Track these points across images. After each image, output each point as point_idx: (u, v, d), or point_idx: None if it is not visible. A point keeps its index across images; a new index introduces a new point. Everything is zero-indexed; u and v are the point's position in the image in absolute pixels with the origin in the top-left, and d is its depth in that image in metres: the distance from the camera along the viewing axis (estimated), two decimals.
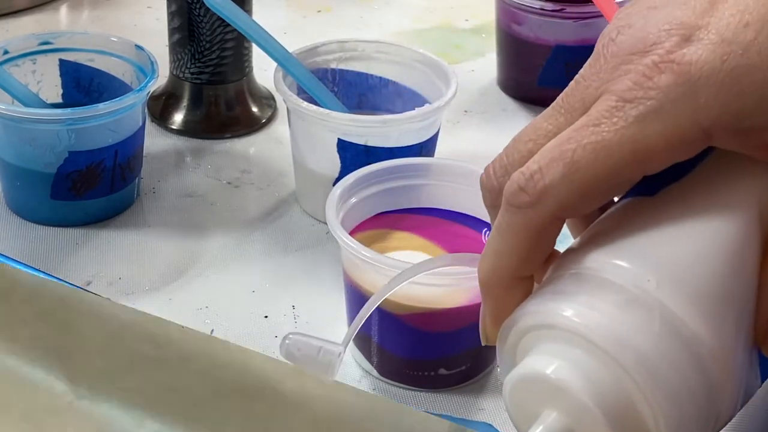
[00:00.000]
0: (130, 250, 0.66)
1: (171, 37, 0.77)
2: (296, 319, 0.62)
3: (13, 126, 0.64)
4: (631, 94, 0.39)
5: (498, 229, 0.41)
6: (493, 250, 0.42)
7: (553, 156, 0.40)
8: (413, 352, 0.56)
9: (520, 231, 0.41)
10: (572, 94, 0.41)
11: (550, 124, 0.41)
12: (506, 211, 0.41)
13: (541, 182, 0.40)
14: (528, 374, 0.40)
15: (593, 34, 0.81)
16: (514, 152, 0.42)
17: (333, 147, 0.66)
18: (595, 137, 0.39)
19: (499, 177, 0.42)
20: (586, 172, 0.39)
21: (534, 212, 0.40)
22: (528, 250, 0.41)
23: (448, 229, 0.60)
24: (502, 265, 0.42)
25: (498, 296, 0.42)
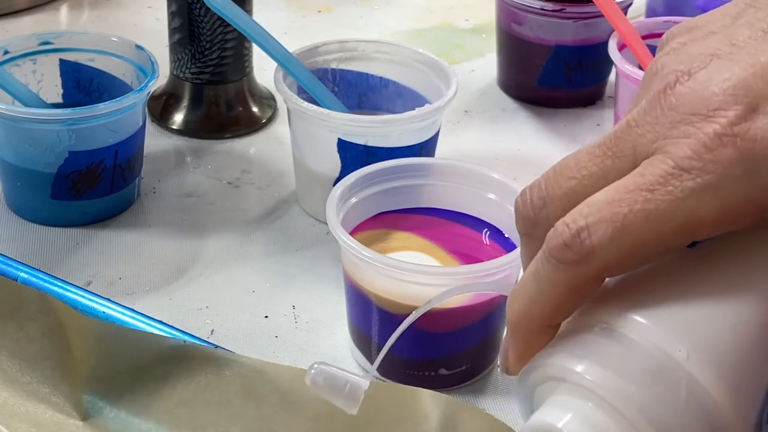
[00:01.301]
0: (130, 250, 0.66)
1: (171, 37, 0.77)
2: (296, 319, 0.62)
3: (14, 126, 0.64)
4: (690, 163, 0.38)
5: (536, 277, 0.40)
6: (528, 296, 0.41)
7: (602, 216, 0.38)
8: (413, 352, 0.56)
9: (560, 286, 0.40)
10: (623, 138, 0.40)
11: (596, 165, 0.40)
12: (547, 262, 0.40)
13: (587, 242, 0.39)
14: (543, 426, 0.39)
15: (593, 34, 0.81)
16: (555, 186, 0.41)
17: (333, 147, 0.66)
18: (648, 205, 0.38)
19: (536, 208, 0.42)
20: (635, 238, 0.38)
21: (577, 271, 0.39)
22: (564, 304, 0.40)
23: (448, 229, 0.60)
24: (535, 312, 0.41)
25: (525, 338, 0.42)
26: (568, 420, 0.39)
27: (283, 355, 0.59)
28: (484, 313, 0.56)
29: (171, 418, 0.51)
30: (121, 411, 0.51)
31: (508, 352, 0.43)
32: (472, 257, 0.58)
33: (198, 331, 0.58)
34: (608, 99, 0.85)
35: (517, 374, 0.42)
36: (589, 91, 0.84)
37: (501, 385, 0.58)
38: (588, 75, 0.83)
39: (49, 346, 0.52)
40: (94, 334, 0.52)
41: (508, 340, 0.43)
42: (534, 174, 0.75)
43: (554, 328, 0.41)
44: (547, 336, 0.41)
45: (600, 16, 0.79)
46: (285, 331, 0.61)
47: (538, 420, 0.40)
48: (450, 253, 0.58)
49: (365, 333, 0.57)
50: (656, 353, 0.38)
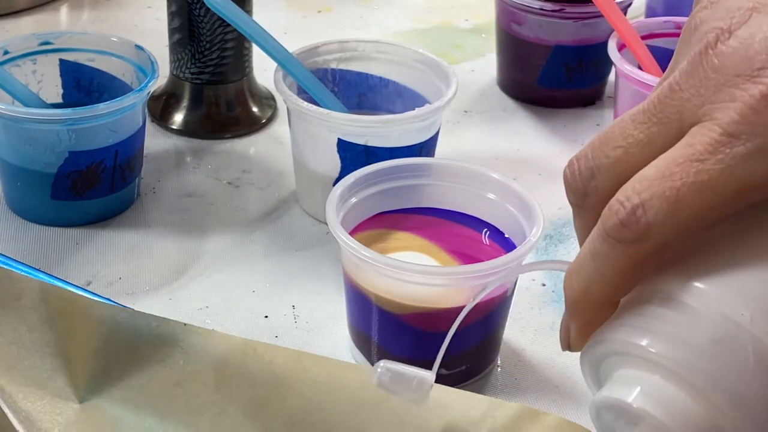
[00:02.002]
0: (130, 250, 0.66)
1: (171, 37, 0.77)
2: (296, 319, 0.62)
3: (14, 126, 0.64)
4: (738, 128, 0.37)
5: (593, 255, 0.40)
6: (587, 274, 0.40)
7: (655, 192, 0.38)
8: (413, 352, 0.56)
9: (619, 264, 0.39)
10: (668, 104, 0.39)
11: (642, 132, 0.40)
12: (604, 242, 0.39)
13: (643, 219, 0.38)
14: (612, 401, 0.39)
15: (593, 34, 0.81)
16: (601, 155, 0.41)
17: (333, 147, 0.66)
18: (700, 176, 0.37)
19: (586, 179, 0.41)
20: (691, 211, 0.38)
21: (635, 248, 0.39)
22: (624, 281, 0.40)
23: (448, 229, 0.60)
24: (594, 290, 0.40)
25: (586, 316, 0.41)
26: (636, 394, 0.38)
27: None
28: (484, 313, 0.56)
29: (168, 400, 0.51)
30: (119, 393, 0.51)
31: (569, 329, 0.42)
32: (472, 257, 0.58)
33: None
34: (608, 99, 0.85)
35: (579, 350, 0.42)
36: (588, 91, 0.84)
37: (501, 384, 0.58)
38: (588, 75, 0.83)
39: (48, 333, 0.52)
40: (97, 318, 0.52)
41: (569, 317, 0.42)
42: (534, 174, 0.76)
43: (615, 303, 0.41)
44: (608, 312, 0.41)
45: (600, 16, 0.79)
46: (285, 331, 0.61)
47: (606, 396, 0.39)
48: (450, 253, 0.58)
49: (365, 333, 0.57)
50: (719, 319, 0.37)
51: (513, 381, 0.58)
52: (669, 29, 0.78)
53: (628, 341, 0.39)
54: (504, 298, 0.56)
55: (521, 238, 0.57)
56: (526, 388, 0.58)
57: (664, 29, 0.79)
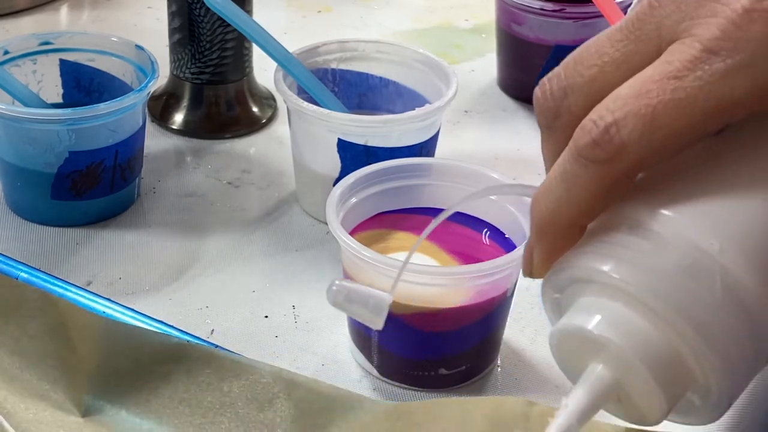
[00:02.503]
0: (130, 250, 0.66)
1: (171, 37, 0.77)
2: (296, 319, 0.62)
3: (14, 126, 0.64)
4: (718, 44, 0.36)
5: (563, 177, 0.38)
6: (555, 197, 0.39)
7: (630, 109, 0.36)
8: (413, 352, 0.56)
9: (590, 185, 0.38)
10: (646, 21, 0.38)
11: (618, 51, 0.38)
12: (575, 162, 0.38)
13: (617, 138, 0.37)
14: (573, 329, 0.38)
15: (593, 34, 0.81)
16: (575, 74, 0.39)
17: (333, 147, 0.66)
18: (678, 93, 0.36)
19: (557, 99, 0.40)
20: (667, 129, 0.36)
21: (607, 169, 0.37)
22: (594, 204, 0.38)
23: (448, 229, 0.60)
24: (562, 213, 0.39)
25: (552, 240, 0.40)
26: (597, 321, 0.38)
27: (283, 355, 0.59)
28: (484, 312, 0.56)
29: (172, 418, 0.51)
30: (122, 409, 0.51)
31: (532, 254, 0.41)
32: (472, 257, 0.58)
33: (198, 331, 0.58)
34: None
35: (542, 277, 0.41)
36: None
37: (501, 384, 0.58)
38: None
39: (49, 344, 0.52)
40: (99, 332, 0.52)
41: (534, 242, 0.41)
42: (534, 174, 0.75)
43: (582, 228, 0.40)
44: (574, 237, 0.40)
45: (600, 16, 0.79)
46: (285, 331, 0.61)
47: (567, 323, 0.39)
48: (450, 253, 0.58)
49: (365, 333, 0.57)
50: (688, 248, 0.37)
51: (513, 381, 0.58)
52: None
53: (592, 267, 0.38)
54: (504, 298, 0.56)
55: (521, 238, 0.57)
56: (526, 388, 0.58)
57: None
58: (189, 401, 0.51)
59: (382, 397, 0.56)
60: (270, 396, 0.51)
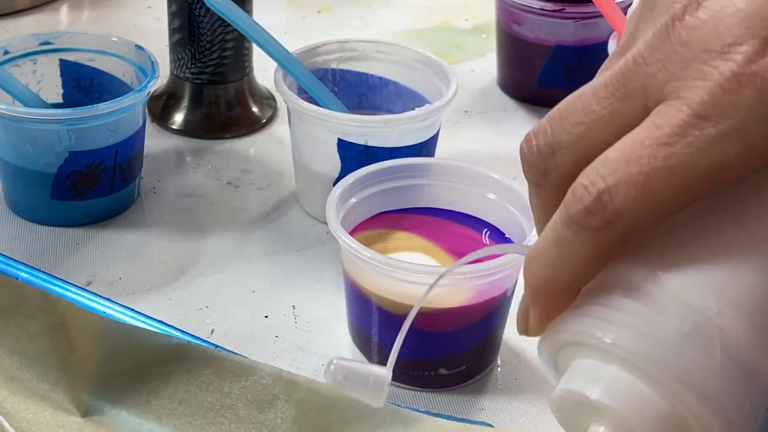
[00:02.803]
0: (130, 250, 0.66)
1: (171, 37, 0.77)
2: (296, 319, 0.62)
3: (14, 126, 0.64)
4: (708, 109, 0.35)
5: (556, 241, 0.38)
6: (549, 261, 0.39)
7: (622, 176, 0.36)
8: (413, 352, 0.56)
9: (584, 252, 0.38)
10: (632, 78, 0.37)
11: (604, 108, 0.38)
12: (568, 228, 0.37)
13: (610, 206, 0.36)
14: (572, 394, 0.38)
15: (593, 34, 0.81)
16: (562, 131, 0.39)
17: (333, 147, 0.66)
18: (669, 160, 0.35)
19: (545, 156, 0.39)
20: (660, 196, 0.36)
21: (600, 236, 0.37)
22: (588, 269, 0.38)
23: (448, 229, 0.60)
24: (557, 277, 0.39)
25: (547, 302, 0.40)
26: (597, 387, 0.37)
27: (283, 355, 0.59)
28: (484, 312, 0.56)
29: (172, 418, 0.51)
30: (122, 409, 0.51)
31: (528, 314, 0.41)
32: None
33: (198, 331, 0.58)
34: None
35: (537, 336, 0.41)
36: None
37: (501, 384, 0.58)
38: (588, 75, 0.83)
39: (49, 343, 0.52)
40: (100, 333, 0.52)
41: (528, 303, 0.40)
42: None
43: (577, 290, 0.39)
44: (569, 299, 0.39)
45: (600, 16, 0.79)
46: (285, 331, 0.61)
47: (566, 388, 0.38)
48: (450, 253, 0.58)
49: (365, 333, 0.57)
50: (685, 311, 0.36)
51: (513, 381, 0.58)
52: None
53: (589, 333, 0.38)
54: (504, 298, 0.56)
55: (521, 238, 0.57)
56: (526, 388, 0.58)
57: None
58: (189, 402, 0.51)
59: None
60: (270, 397, 0.50)
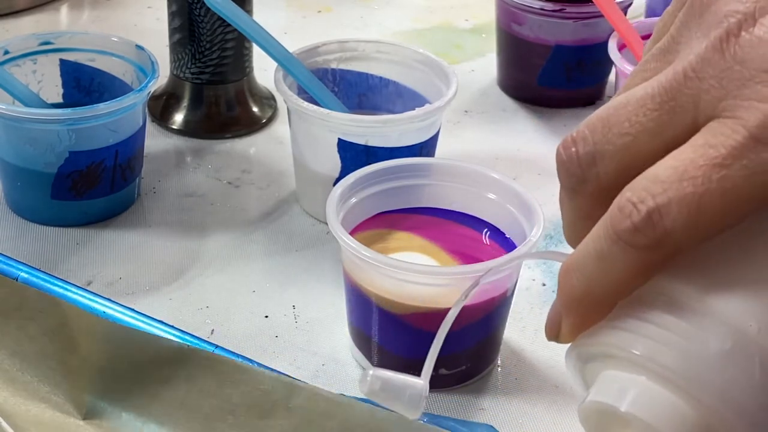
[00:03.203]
0: (130, 250, 0.66)
1: (171, 37, 0.77)
2: (296, 319, 0.62)
3: (14, 126, 0.64)
4: (765, 133, 0.34)
5: (599, 256, 0.37)
6: (589, 274, 0.38)
7: (673, 196, 0.35)
8: (413, 352, 0.56)
9: (628, 268, 0.37)
10: (683, 92, 0.36)
11: (652, 120, 0.37)
12: (613, 244, 0.36)
13: (660, 225, 0.35)
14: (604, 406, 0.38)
15: (593, 34, 0.81)
16: (604, 140, 0.38)
17: (333, 147, 0.66)
18: (724, 183, 0.35)
19: (585, 165, 0.38)
20: (711, 217, 0.35)
21: (647, 254, 0.36)
22: (630, 285, 0.38)
23: (448, 229, 0.60)
24: (596, 291, 0.38)
25: (582, 314, 0.39)
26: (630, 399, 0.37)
27: (283, 355, 0.59)
28: (484, 312, 0.56)
29: (172, 421, 0.51)
30: (122, 411, 0.51)
31: (559, 322, 0.40)
32: (472, 257, 0.58)
33: (198, 331, 0.58)
34: (608, 99, 0.85)
35: (568, 343, 0.40)
36: (589, 91, 0.84)
37: (501, 384, 0.58)
38: (588, 75, 0.83)
39: (49, 345, 0.52)
40: (101, 335, 0.52)
41: (562, 312, 0.40)
42: (534, 174, 0.75)
43: (614, 304, 0.39)
44: (605, 311, 0.39)
45: (600, 16, 0.79)
46: (285, 331, 0.61)
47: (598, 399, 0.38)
48: (450, 253, 0.58)
49: (365, 333, 0.57)
50: (727, 330, 0.36)
51: (513, 381, 0.58)
52: None
53: (625, 347, 0.37)
54: (504, 298, 0.56)
55: (521, 238, 0.57)
56: (526, 388, 0.58)
57: None
58: (189, 406, 0.51)
59: None
60: (270, 404, 0.50)
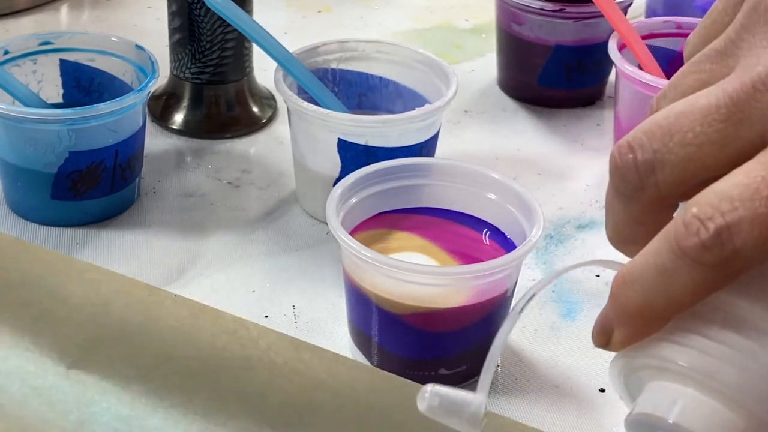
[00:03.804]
0: (130, 250, 0.66)
1: (171, 37, 0.77)
2: (296, 319, 0.62)
3: (14, 126, 0.64)
4: None
5: (661, 271, 0.36)
6: (650, 288, 0.37)
7: (744, 216, 0.34)
8: (413, 352, 0.56)
9: (690, 285, 0.36)
10: (751, 105, 0.36)
11: (717, 132, 0.36)
12: (678, 260, 0.36)
13: (729, 244, 0.35)
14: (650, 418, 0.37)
15: (593, 34, 0.81)
16: (665, 149, 0.37)
17: (333, 147, 0.66)
18: None
19: (644, 173, 0.37)
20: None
21: (713, 272, 0.35)
22: (691, 302, 0.37)
23: (448, 229, 0.60)
24: (655, 305, 0.37)
25: (637, 327, 0.38)
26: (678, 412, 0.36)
27: None
28: (484, 313, 0.56)
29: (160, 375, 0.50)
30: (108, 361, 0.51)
31: (609, 331, 0.39)
32: (472, 257, 0.58)
33: None
34: (608, 99, 0.85)
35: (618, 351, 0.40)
36: (589, 91, 0.84)
37: (501, 385, 0.58)
38: (588, 75, 0.83)
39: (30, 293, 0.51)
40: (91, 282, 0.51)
41: (614, 322, 0.39)
42: (534, 174, 0.76)
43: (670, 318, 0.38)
44: (661, 325, 0.38)
45: (600, 16, 0.79)
46: (285, 331, 0.60)
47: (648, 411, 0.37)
48: (450, 253, 0.58)
49: (365, 333, 0.57)
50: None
51: (513, 381, 0.58)
52: (669, 29, 0.78)
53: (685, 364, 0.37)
54: (504, 298, 0.56)
55: (521, 238, 0.57)
56: (526, 388, 0.58)
57: (664, 29, 0.79)
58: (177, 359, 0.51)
59: None
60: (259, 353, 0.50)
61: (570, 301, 0.64)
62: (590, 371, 0.59)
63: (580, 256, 0.67)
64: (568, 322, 0.62)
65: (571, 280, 0.65)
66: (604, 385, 0.58)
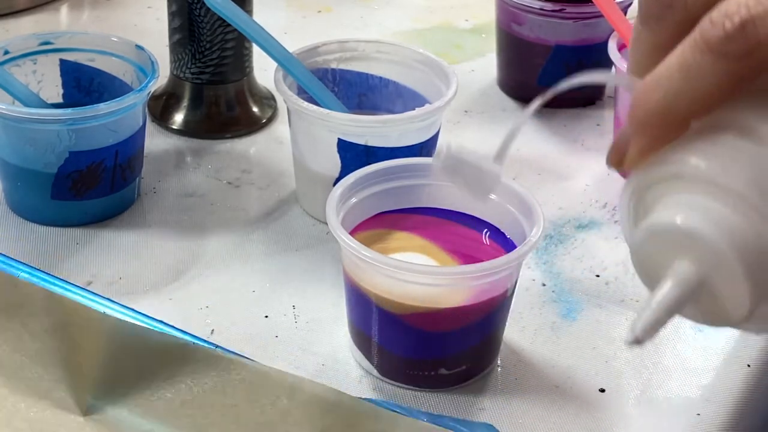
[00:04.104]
0: (130, 250, 0.66)
1: (171, 37, 0.77)
2: (296, 319, 0.62)
3: (14, 126, 0.64)
4: None
5: (683, 68, 0.36)
6: (672, 89, 0.37)
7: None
8: (413, 352, 0.56)
9: (715, 79, 0.36)
10: None
11: None
12: (702, 54, 0.36)
13: (754, 35, 0.35)
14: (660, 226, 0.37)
15: (593, 34, 0.81)
16: None
17: (333, 147, 0.66)
18: None
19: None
20: None
21: (736, 66, 0.35)
22: (714, 100, 0.36)
23: (448, 229, 0.60)
24: (677, 106, 0.37)
25: (656, 134, 0.38)
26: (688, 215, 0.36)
27: (283, 355, 0.59)
28: (484, 312, 0.56)
29: (174, 419, 0.51)
30: (123, 409, 0.51)
31: (624, 146, 0.39)
32: (472, 257, 0.58)
33: (198, 331, 0.58)
34: (608, 99, 0.85)
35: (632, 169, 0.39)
36: (589, 91, 0.84)
37: (501, 384, 0.58)
38: None
39: (51, 342, 0.52)
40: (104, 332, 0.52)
41: (632, 133, 0.39)
42: (534, 174, 0.76)
43: (687, 125, 0.38)
44: (679, 131, 0.38)
45: (600, 16, 0.79)
46: (285, 331, 0.61)
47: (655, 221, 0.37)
48: (450, 253, 0.58)
49: (365, 333, 0.57)
50: None
51: (513, 381, 0.58)
52: None
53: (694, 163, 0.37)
54: (504, 298, 0.56)
55: (521, 238, 0.57)
56: (526, 388, 0.58)
57: None
58: (191, 403, 0.51)
59: (383, 397, 0.56)
60: (273, 398, 0.50)
61: (570, 301, 0.64)
62: (590, 371, 0.59)
63: (580, 256, 0.67)
64: (568, 322, 0.62)
65: (571, 280, 0.65)
66: (604, 385, 0.58)
